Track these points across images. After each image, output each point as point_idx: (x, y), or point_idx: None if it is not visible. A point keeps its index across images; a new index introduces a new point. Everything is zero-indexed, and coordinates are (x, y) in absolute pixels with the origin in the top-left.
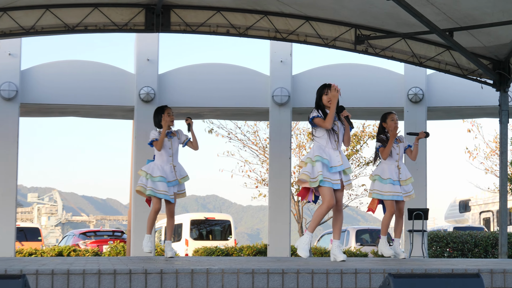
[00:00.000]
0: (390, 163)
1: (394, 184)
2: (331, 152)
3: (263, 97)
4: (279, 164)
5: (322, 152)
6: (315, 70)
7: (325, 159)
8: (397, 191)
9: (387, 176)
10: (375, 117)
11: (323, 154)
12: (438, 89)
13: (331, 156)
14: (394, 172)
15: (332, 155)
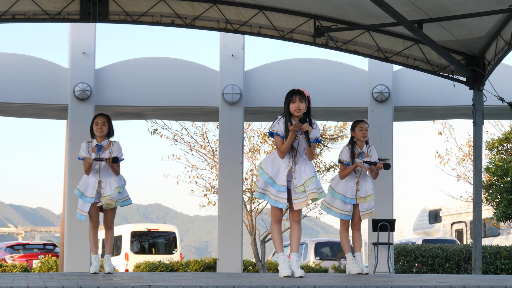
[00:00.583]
0: (348, 178)
1: (345, 202)
2: (282, 167)
3: (212, 95)
4: (230, 169)
5: (269, 164)
6: (270, 66)
7: (265, 175)
8: (346, 210)
9: (340, 191)
10: (336, 117)
11: (268, 167)
12: (405, 87)
13: (279, 171)
14: (350, 189)
15: (281, 170)
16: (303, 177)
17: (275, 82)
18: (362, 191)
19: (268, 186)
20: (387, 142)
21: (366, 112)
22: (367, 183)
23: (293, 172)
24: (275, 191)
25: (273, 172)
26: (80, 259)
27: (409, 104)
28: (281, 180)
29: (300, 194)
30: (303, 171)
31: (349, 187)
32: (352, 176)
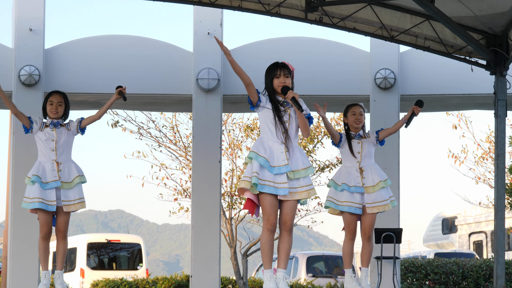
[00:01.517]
0: (349, 164)
1: (351, 191)
2: (274, 147)
3: (184, 81)
4: (205, 169)
5: (259, 146)
6: (253, 46)
7: (260, 157)
8: (355, 201)
9: (342, 181)
10: (332, 108)
11: (260, 149)
12: (414, 72)
13: (273, 152)
14: (353, 177)
15: (275, 151)
16: (298, 163)
17: (259, 65)
18: (368, 179)
19: (264, 171)
20: (392, 137)
21: (368, 101)
22: (374, 169)
23: (286, 152)
24: (272, 176)
25: (267, 153)
26: (26, 276)
27: (418, 92)
28: (278, 161)
29: (293, 182)
30: (299, 155)
31: (351, 174)
32: (352, 161)
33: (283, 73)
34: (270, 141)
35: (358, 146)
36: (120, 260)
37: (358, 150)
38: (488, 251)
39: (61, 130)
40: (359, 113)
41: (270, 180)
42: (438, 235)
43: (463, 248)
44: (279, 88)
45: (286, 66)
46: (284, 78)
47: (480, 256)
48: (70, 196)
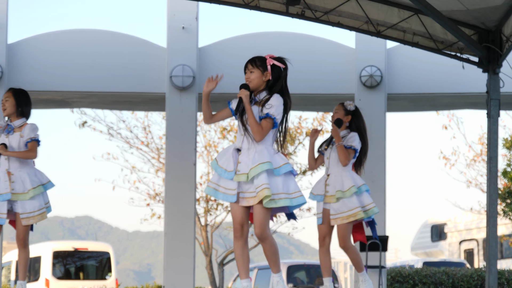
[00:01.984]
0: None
1: (314, 200)
2: (230, 151)
3: (157, 78)
4: (179, 172)
5: (222, 153)
6: (231, 42)
7: (219, 168)
8: (319, 211)
9: (317, 191)
10: (315, 107)
11: (221, 157)
12: (402, 70)
13: (226, 155)
14: (320, 184)
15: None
16: (249, 163)
17: (237, 62)
18: (331, 186)
19: (220, 178)
20: (379, 139)
21: (352, 100)
22: (341, 176)
23: (239, 155)
24: (224, 181)
25: (223, 159)
26: None
27: (406, 90)
28: (229, 165)
29: (248, 188)
30: (253, 155)
31: (320, 182)
32: (324, 169)
33: (247, 68)
34: (233, 146)
35: (328, 151)
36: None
37: (327, 156)
38: (480, 259)
39: (15, 136)
40: (334, 111)
41: (222, 186)
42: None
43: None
44: None
45: (253, 59)
46: (248, 74)
47: (471, 265)
48: (27, 208)
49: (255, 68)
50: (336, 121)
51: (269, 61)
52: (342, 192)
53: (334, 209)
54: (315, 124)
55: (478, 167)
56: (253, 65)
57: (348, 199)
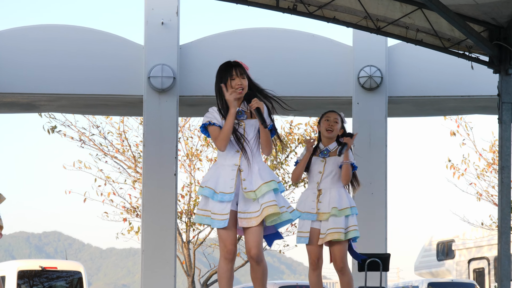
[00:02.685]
0: (310, 186)
1: (301, 218)
2: (224, 172)
3: (134, 79)
4: (159, 183)
5: (212, 174)
6: (215, 39)
7: (206, 189)
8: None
9: (304, 209)
10: (307, 111)
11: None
12: (404, 70)
13: (220, 178)
14: (309, 200)
15: (222, 176)
16: (256, 179)
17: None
18: (324, 203)
19: (209, 202)
20: (379, 147)
21: (350, 104)
22: (336, 193)
23: (241, 172)
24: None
25: (214, 180)
26: None
27: (409, 93)
28: (224, 186)
29: (249, 205)
30: (258, 171)
31: (308, 198)
32: (311, 183)
33: (238, 72)
34: (221, 166)
35: (321, 164)
36: None
37: (319, 169)
38: (491, 280)
39: None
40: (333, 119)
41: (205, 209)
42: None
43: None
44: (235, 92)
45: (240, 65)
46: (240, 80)
47: (482, 286)
48: None
49: (243, 75)
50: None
51: (246, 67)
52: (338, 210)
53: (324, 227)
54: (308, 130)
55: (489, 178)
56: (242, 70)
57: (338, 218)
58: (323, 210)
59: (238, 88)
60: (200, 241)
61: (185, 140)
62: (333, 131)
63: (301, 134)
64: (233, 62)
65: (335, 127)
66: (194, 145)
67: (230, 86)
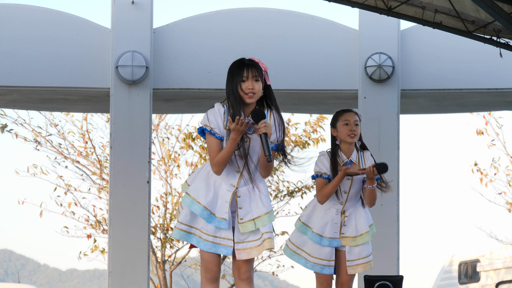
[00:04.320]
0: (329, 204)
1: (321, 244)
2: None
3: (99, 69)
4: (128, 192)
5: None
6: (195, 21)
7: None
8: (324, 257)
9: (314, 227)
10: (306, 107)
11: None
12: (420, 58)
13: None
14: (330, 223)
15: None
16: (256, 208)
17: (204, 49)
18: (351, 227)
19: (198, 220)
20: (390, 148)
21: (356, 98)
22: (360, 215)
23: (238, 198)
24: (213, 229)
25: (208, 198)
26: None
27: (425, 85)
28: (221, 210)
29: (248, 235)
30: (258, 198)
31: (329, 219)
32: (333, 202)
33: (251, 74)
34: (218, 178)
35: (347, 183)
36: None
37: (344, 189)
38: None
39: None
40: (353, 122)
41: (209, 234)
42: (453, 286)
43: None
44: (246, 96)
45: (256, 64)
46: (252, 82)
47: None
48: None
49: (258, 78)
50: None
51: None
52: (369, 235)
53: (353, 254)
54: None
55: None
56: (256, 72)
57: (369, 242)
58: (349, 234)
59: (249, 93)
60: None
61: (160, 141)
62: (357, 135)
63: (299, 135)
64: (247, 61)
65: (357, 131)
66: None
67: (240, 89)
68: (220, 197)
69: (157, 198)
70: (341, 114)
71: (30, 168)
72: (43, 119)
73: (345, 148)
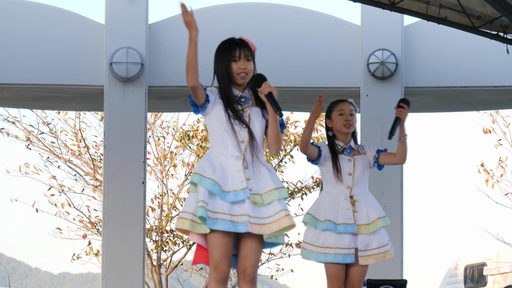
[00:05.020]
0: (334, 190)
1: (337, 232)
2: (228, 164)
3: (92, 66)
4: (123, 193)
5: (205, 165)
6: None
7: (207, 180)
8: (343, 245)
9: (324, 217)
10: (306, 105)
11: (206, 169)
12: (424, 55)
13: (226, 171)
14: (342, 209)
15: (229, 170)
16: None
17: (202, 44)
18: (362, 213)
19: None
20: (392, 148)
21: (358, 96)
22: (370, 200)
23: (245, 168)
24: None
25: (217, 173)
26: None
27: (429, 83)
28: (234, 182)
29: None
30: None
31: (339, 206)
32: (340, 187)
33: (243, 54)
34: (222, 155)
35: (349, 164)
36: None
37: (348, 171)
38: None
39: None
40: (348, 112)
41: (225, 212)
42: None
43: None
44: (239, 76)
45: (247, 44)
46: (244, 62)
47: None
48: None
49: (250, 57)
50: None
51: (254, 47)
52: (382, 219)
53: (366, 243)
54: None
55: None
56: (247, 52)
57: (384, 230)
58: (362, 221)
59: (241, 73)
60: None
61: (156, 140)
62: (353, 125)
63: (299, 134)
64: (238, 40)
65: (352, 120)
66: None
67: (231, 69)
68: (230, 170)
69: (153, 199)
70: (335, 104)
71: (22, 167)
72: (35, 117)
73: (341, 138)
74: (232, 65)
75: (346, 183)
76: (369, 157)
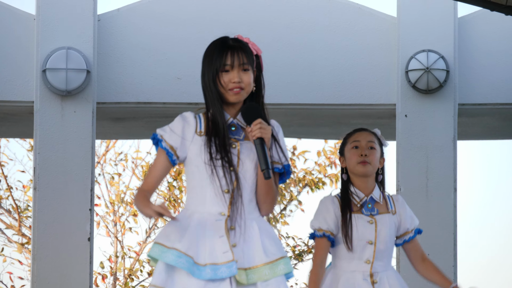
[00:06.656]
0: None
1: None
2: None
3: (17, 75)
4: (61, 255)
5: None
6: (159, 3)
7: (169, 252)
8: None
9: None
10: (319, 130)
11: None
12: (486, 60)
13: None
14: None
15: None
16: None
17: (172, 43)
18: None
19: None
20: (442, 188)
21: (393, 117)
22: (395, 279)
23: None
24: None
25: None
26: None
27: (494, 99)
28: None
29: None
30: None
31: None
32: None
33: (237, 61)
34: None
35: (370, 228)
36: None
37: (369, 238)
38: None
39: None
40: (366, 144)
41: None
42: None
43: None
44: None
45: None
46: (238, 73)
47: None
48: None
49: (249, 65)
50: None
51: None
52: None
53: None
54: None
55: None
56: (243, 58)
57: None
58: None
59: (233, 88)
60: None
61: (108, 179)
62: (371, 164)
63: (309, 170)
64: (232, 41)
65: (372, 157)
66: (124, 187)
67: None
68: (208, 235)
69: (103, 263)
70: (350, 134)
71: None
72: None
73: (359, 184)
74: (221, 77)
75: (365, 255)
76: (401, 221)
